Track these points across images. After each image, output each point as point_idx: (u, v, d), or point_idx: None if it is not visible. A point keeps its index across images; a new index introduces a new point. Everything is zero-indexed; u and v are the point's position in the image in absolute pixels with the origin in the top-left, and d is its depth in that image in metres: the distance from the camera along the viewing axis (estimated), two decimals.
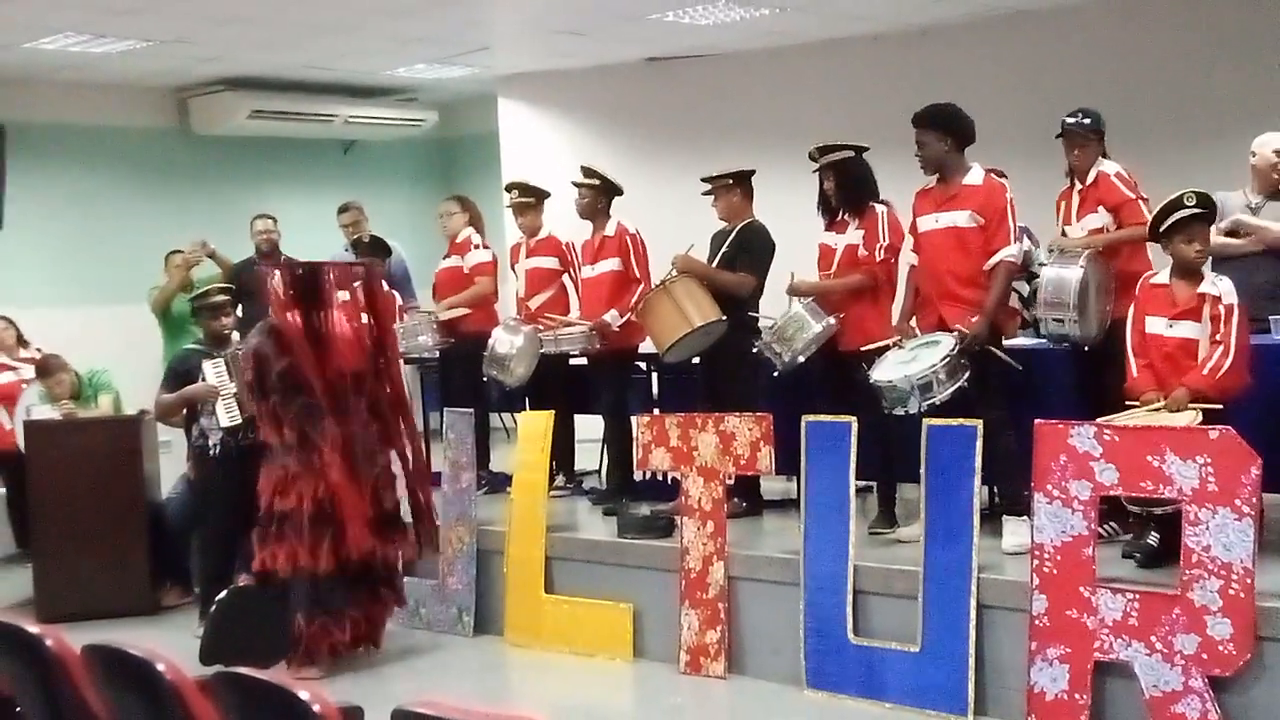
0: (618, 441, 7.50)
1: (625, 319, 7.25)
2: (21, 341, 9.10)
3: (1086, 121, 6.02)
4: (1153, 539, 5.52)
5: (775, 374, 6.43)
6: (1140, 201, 5.90)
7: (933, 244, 6.07)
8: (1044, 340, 6.23)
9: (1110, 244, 5.94)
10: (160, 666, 3.13)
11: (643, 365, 7.93)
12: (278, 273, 6.55)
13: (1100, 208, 5.97)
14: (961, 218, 5.96)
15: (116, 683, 3.33)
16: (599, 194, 7.51)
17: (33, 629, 3.60)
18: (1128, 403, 5.45)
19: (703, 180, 7.00)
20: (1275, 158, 6.32)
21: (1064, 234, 6.13)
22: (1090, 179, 6.02)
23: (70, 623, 6.09)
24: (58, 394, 8.15)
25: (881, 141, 6.36)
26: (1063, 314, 5.73)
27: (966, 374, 5.70)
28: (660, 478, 7.33)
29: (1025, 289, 6.80)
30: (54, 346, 8.66)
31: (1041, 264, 6.00)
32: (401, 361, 8.68)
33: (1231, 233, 6.27)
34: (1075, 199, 6.10)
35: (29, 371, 8.75)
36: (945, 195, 6.03)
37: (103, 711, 3.44)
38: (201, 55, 9.18)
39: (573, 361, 7.78)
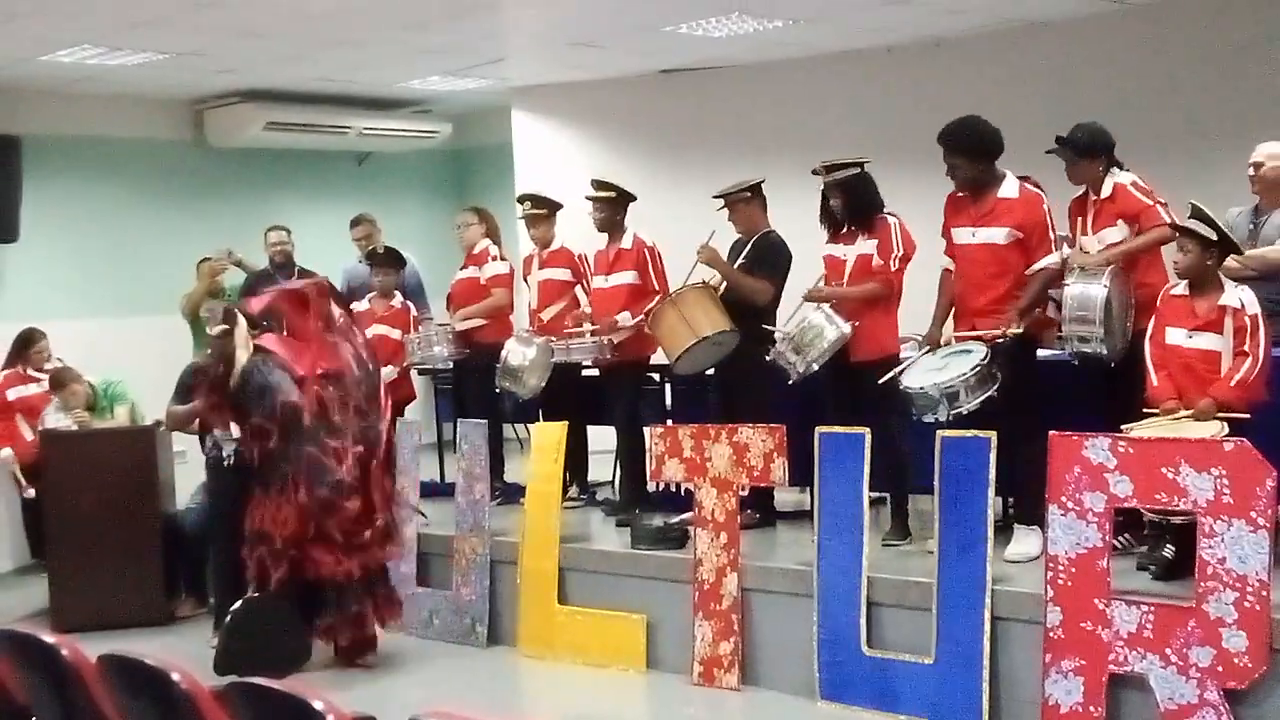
0: (631, 453, 7.50)
1: (637, 321, 7.25)
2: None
3: (1077, 139, 5.96)
4: (1168, 551, 5.51)
5: (789, 383, 6.43)
6: (1160, 206, 5.86)
7: (970, 258, 6.03)
8: (1061, 352, 6.22)
9: (1130, 255, 5.89)
10: (175, 676, 3.15)
11: (656, 376, 7.94)
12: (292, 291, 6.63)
13: (1119, 220, 5.91)
14: (1000, 235, 5.91)
15: (132, 692, 3.35)
16: (614, 205, 7.52)
17: (49, 639, 3.62)
18: (1146, 411, 5.44)
19: (717, 196, 6.99)
20: None
21: (1080, 247, 6.10)
22: (1106, 192, 5.96)
23: (85, 633, 6.13)
24: (72, 405, 8.18)
25: (896, 153, 6.38)
26: (1089, 330, 5.68)
27: (996, 384, 5.67)
28: (673, 489, 7.33)
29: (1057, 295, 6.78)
30: (71, 358, 8.70)
31: (1065, 283, 5.96)
32: (414, 371, 8.75)
33: None
34: (1091, 211, 6.05)
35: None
36: (981, 210, 5.97)
37: None
38: (217, 68, 9.23)
39: (586, 373, 7.79)
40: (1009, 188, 5.97)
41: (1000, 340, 5.76)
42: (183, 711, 3.14)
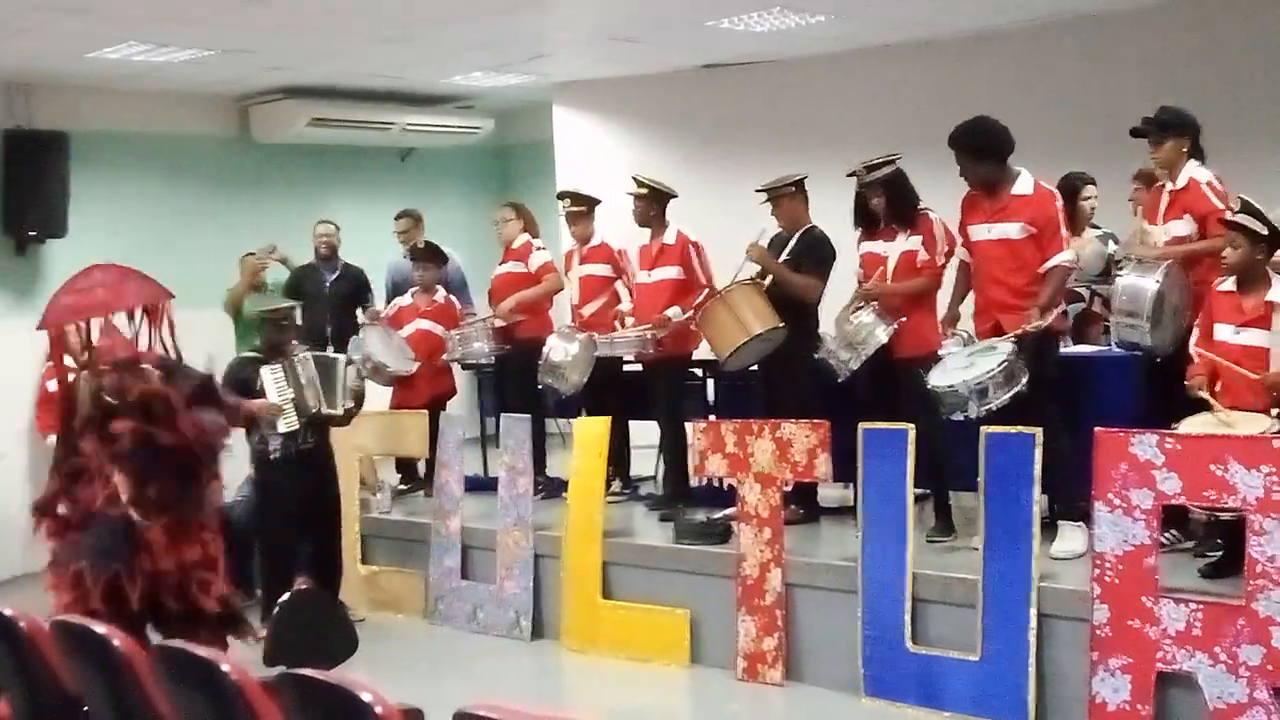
0: (674, 447, 7.51)
1: (687, 315, 7.24)
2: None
3: (1160, 118, 5.91)
4: (1217, 549, 5.46)
5: (840, 380, 6.41)
6: (1229, 212, 5.79)
7: (986, 254, 6.06)
8: (1109, 348, 6.18)
9: (1190, 255, 5.85)
10: (226, 667, 3.18)
11: (698, 372, 7.93)
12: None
13: (1187, 215, 5.87)
14: (1013, 229, 5.94)
15: (183, 683, 3.38)
16: (650, 202, 7.52)
17: (100, 629, 3.65)
18: (1191, 388, 5.38)
19: (761, 190, 6.98)
20: None
21: (1144, 235, 6.03)
22: (1180, 183, 5.91)
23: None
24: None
25: (935, 149, 6.32)
26: (1136, 323, 5.67)
27: (1024, 380, 5.67)
28: (716, 484, 7.32)
29: (1108, 293, 6.73)
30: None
31: (1118, 273, 5.92)
32: (457, 366, 8.79)
33: None
34: (1165, 199, 6.00)
35: None
36: (995, 207, 6.01)
37: (168, 711, 3.49)
38: (262, 64, 9.28)
39: (628, 368, 7.80)
40: (1023, 184, 5.99)
41: (1023, 336, 5.74)
42: (233, 702, 3.17)
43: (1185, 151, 5.90)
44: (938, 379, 5.82)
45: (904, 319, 6.31)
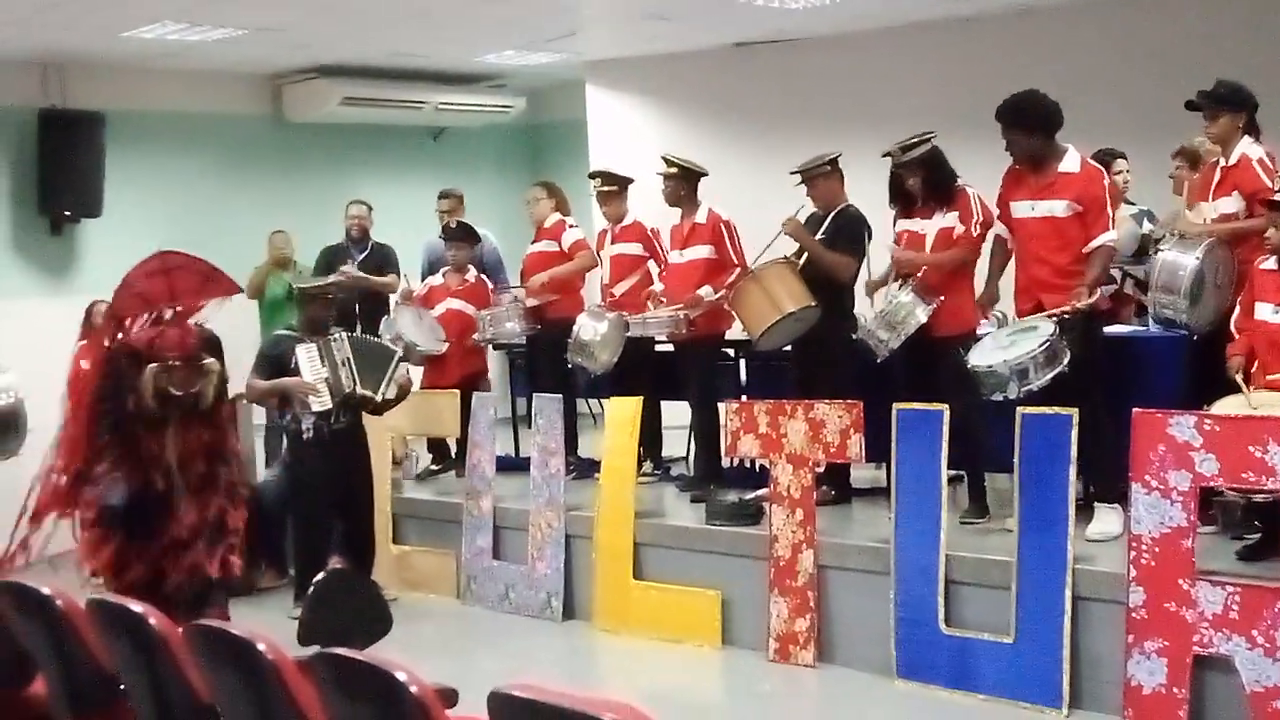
0: (706, 428, 7.48)
1: (719, 295, 7.22)
2: None
3: (1216, 92, 5.82)
4: (1254, 532, 5.42)
5: (878, 361, 6.37)
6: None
7: (1029, 231, 5.99)
8: (1145, 328, 6.12)
9: (1235, 234, 5.76)
10: (261, 646, 3.18)
11: (730, 352, 7.91)
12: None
13: (1236, 192, 5.78)
14: (1059, 207, 5.86)
15: (218, 662, 3.39)
16: (680, 181, 7.48)
17: (137, 608, 3.67)
18: (1230, 369, 5.32)
19: (795, 172, 6.94)
20: None
21: (1192, 213, 5.96)
22: (1233, 159, 5.81)
23: None
24: None
25: (973, 126, 6.27)
26: (1173, 300, 5.61)
27: (1065, 360, 5.60)
28: (748, 465, 7.30)
29: (1141, 274, 6.67)
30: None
31: (1159, 249, 5.85)
32: (490, 347, 8.79)
33: None
34: (1216, 176, 5.91)
35: None
36: (1041, 183, 5.93)
37: (204, 689, 3.50)
38: (295, 43, 9.29)
39: (660, 348, 7.78)
40: (1070, 161, 5.90)
41: (1068, 315, 5.68)
42: (268, 681, 3.18)
43: (1240, 127, 5.79)
44: (977, 359, 5.75)
45: (942, 298, 6.26)
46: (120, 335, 6.32)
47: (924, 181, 6.37)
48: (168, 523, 6.08)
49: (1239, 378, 5.32)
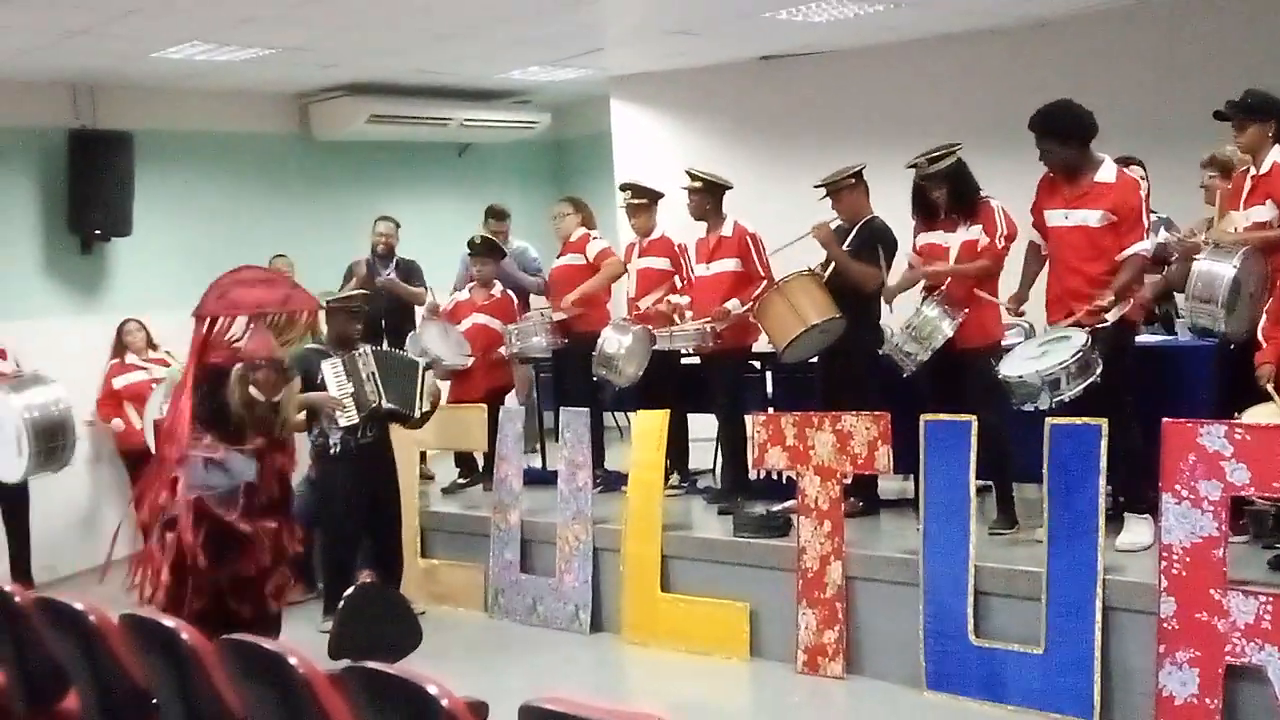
0: (732, 440, 7.48)
1: (746, 308, 7.22)
2: (151, 344, 9.37)
3: (1245, 101, 5.77)
4: None
5: (905, 375, 6.35)
6: None
7: (1062, 241, 5.95)
8: (1173, 338, 6.09)
9: (1269, 242, 5.70)
10: (293, 660, 3.20)
11: (757, 364, 7.91)
12: None
13: (1269, 200, 5.72)
14: (1094, 217, 5.82)
15: (250, 676, 3.41)
16: (705, 195, 7.49)
17: (169, 623, 3.70)
18: (1260, 377, 5.29)
19: (819, 185, 6.93)
20: None
21: (1226, 222, 5.92)
22: (1265, 168, 5.75)
23: None
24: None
25: (998, 138, 6.29)
26: (1210, 309, 5.55)
27: (1098, 370, 5.57)
28: (775, 477, 7.31)
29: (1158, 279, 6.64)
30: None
31: (1195, 257, 5.80)
32: (518, 361, 8.81)
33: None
34: (1248, 185, 5.85)
35: (160, 371, 9.03)
36: (1076, 192, 5.89)
37: (236, 704, 3.52)
38: (322, 62, 9.35)
39: (686, 361, 7.79)
40: (1106, 172, 5.87)
41: (1101, 326, 5.66)
42: (300, 695, 3.20)
43: (1270, 136, 5.73)
44: (1009, 369, 5.72)
45: (967, 311, 6.24)
46: (208, 339, 6.26)
47: (949, 194, 6.36)
48: (239, 552, 5.94)
49: (1270, 386, 5.29)
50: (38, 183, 9.38)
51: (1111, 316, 5.70)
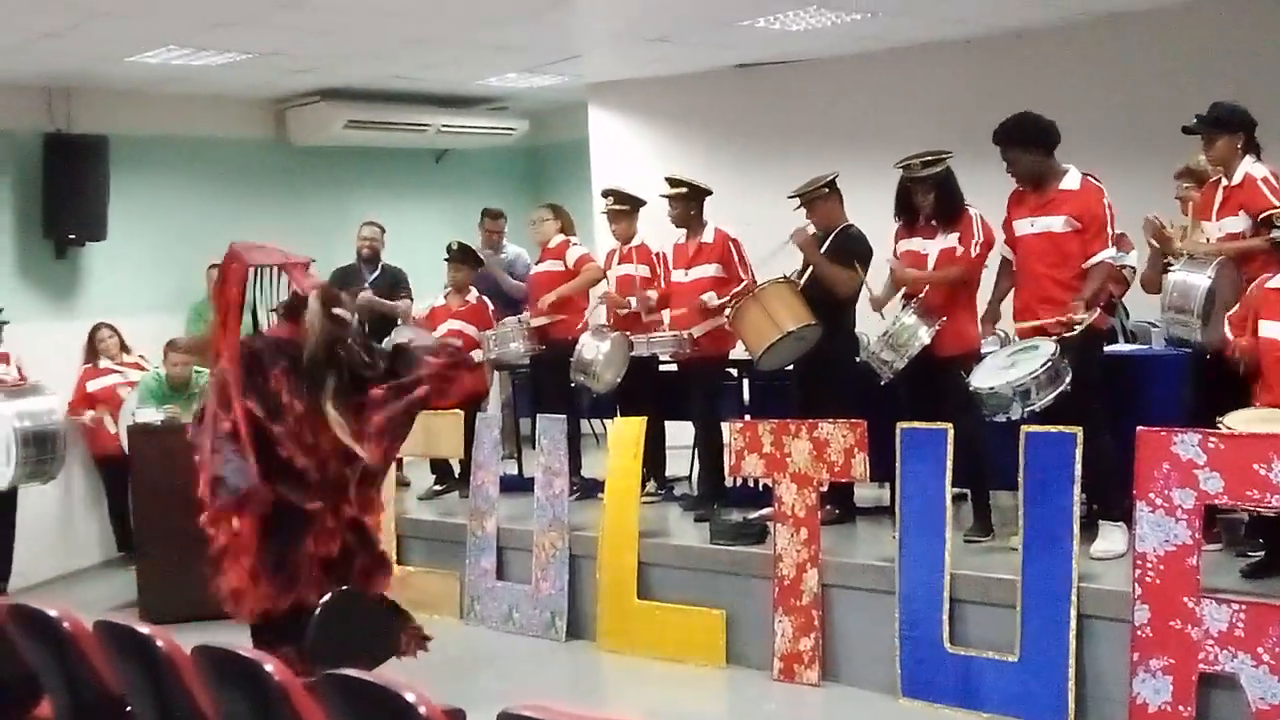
0: (709, 448, 7.50)
1: (722, 300, 7.22)
2: (124, 348, 9.34)
3: (1213, 115, 5.83)
4: (1259, 549, 5.42)
5: (883, 384, 6.37)
6: None
7: (1029, 248, 6.01)
8: (1148, 347, 6.13)
9: (1242, 252, 5.77)
10: (269, 668, 3.19)
11: (734, 372, 7.92)
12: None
13: (1241, 211, 5.78)
14: (1057, 222, 5.89)
15: (226, 683, 3.39)
16: (688, 201, 7.51)
17: (144, 630, 3.68)
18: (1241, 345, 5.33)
19: (793, 196, 6.96)
20: None
21: (1199, 232, 5.97)
22: (1236, 179, 5.81)
23: (172, 624, 6.21)
24: (174, 375, 8.43)
25: (974, 148, 6.30)
26: (1186, 320, 5.61)
27: (1067, 380, 5.62)
28: (752, 484, 7.31)
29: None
30: (158, 353, 8.87)
31: (1170, 267, 5.85)
32: (493, 368, 8.79)
33: None
34: (1219, 196, 5.91)
35: (133, 375, 9.00)
36: (1041, 200, 5.97)
37: (211, 712, 3.51)
38: (298, 67, 9.33)
39: (664, 368, 7.80)
40: (1071, 180, 5.94)
41: (1068, 335, 5.70)
42: (276, 703, 3.18)
43: (1239, 148, 5.80)
44: (979, 381, 5.77)
45: (944, 319, 6.27)
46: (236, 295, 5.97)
47: (935, 200, 6.40)
48: (304, 536, 5.71)
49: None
50: (12, 187, 9.32)
51: (1078, 319, 5.74)
